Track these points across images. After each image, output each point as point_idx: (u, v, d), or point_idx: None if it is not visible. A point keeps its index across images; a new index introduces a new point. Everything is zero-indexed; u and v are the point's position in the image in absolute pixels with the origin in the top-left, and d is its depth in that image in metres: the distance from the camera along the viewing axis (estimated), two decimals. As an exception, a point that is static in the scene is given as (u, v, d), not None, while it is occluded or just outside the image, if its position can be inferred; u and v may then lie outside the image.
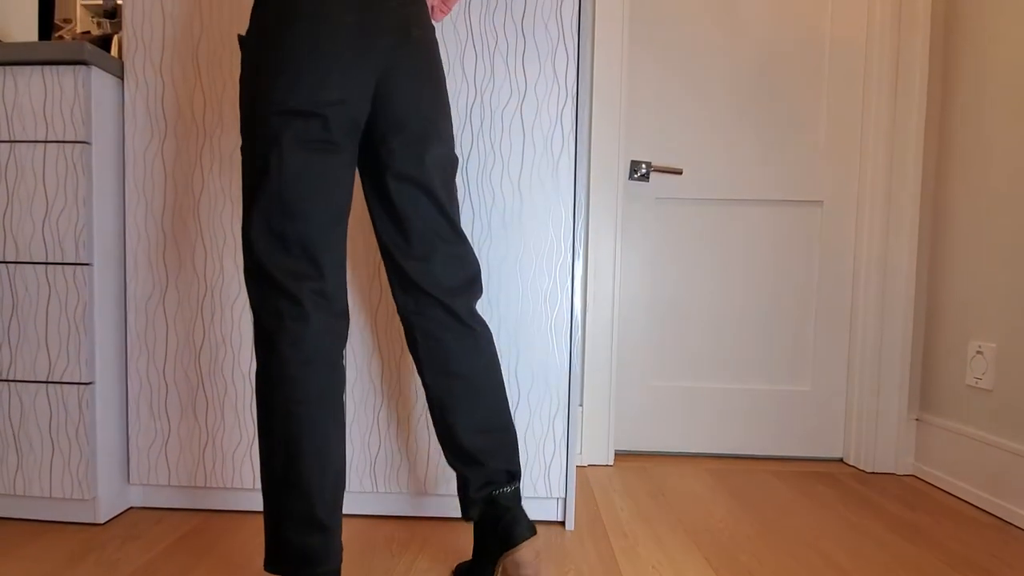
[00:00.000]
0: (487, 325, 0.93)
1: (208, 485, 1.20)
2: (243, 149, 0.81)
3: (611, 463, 1.63)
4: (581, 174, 1.16)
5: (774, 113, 1.68)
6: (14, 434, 1.12)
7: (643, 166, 1.64)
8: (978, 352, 1.42)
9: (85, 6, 2.81)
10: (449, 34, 1.15)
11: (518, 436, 1.18)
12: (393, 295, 0.91)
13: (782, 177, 1.68)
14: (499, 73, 1.15)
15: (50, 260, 1.09)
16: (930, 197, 1.61)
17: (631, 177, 1.66)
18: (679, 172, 1.65)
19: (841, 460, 1.72)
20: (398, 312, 0.91)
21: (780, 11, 1.66)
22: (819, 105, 1.68)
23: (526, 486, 1.19)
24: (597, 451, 1.63)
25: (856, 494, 1.45)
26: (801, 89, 1.68)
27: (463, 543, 1.11)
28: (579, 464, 1.63)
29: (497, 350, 1.03)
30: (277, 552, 0.78)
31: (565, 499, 1.20)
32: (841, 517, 1.29)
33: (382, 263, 1.18)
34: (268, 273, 0.79)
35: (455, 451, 0.90)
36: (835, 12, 1.65)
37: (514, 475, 0.91)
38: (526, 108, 1.16)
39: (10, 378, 1.11)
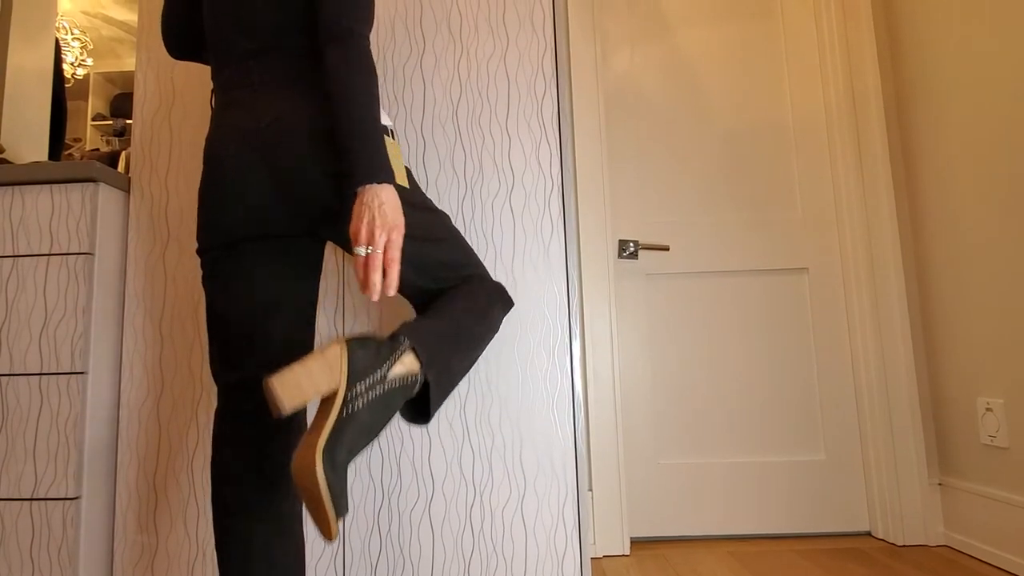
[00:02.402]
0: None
1: (196, 606, 1.12)
2: None
3: (627, 552, 1.54)
4: (572, 256, 1.19)
5: (750, 189, 1.77)
6: (-9, 560, 1.05)
7: (631, 244, 1.69)
8: (987, 409, 1.40)
9: (95, 126, 3.00)
10: (439, 136, 1.23)
11: (527, 530, 1.12)
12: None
13: (765, 247, 1.74)
14: (487, 169, 1.22)
15: (45, 371, 1.09)
16: (911, 255, 1.66)
17: (620, 255, 1.70)
18: (666, 248, 1.70)
19: (869, 533, 1.63)
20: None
21: (742, 98, 1.80)
22: (791, 179, 1.77)
23: (538, 585, 1.11)
24: (611, 540, 1.54)
25: (892, 572, 1.36)
26: (773, 166, 1.77)
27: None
28: (594, 556, 1.54)
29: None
30: None
31: (581, 597, 1.12)
32: (878, 599, 1.21)
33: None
34: (216, 383, 0.90)
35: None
36: (793, 96, 1.79)
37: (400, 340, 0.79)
38: (515, 198, 1.21)
39: (-7, 498, 1.06)
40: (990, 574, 1.33)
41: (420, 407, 0.85)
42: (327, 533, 0.67)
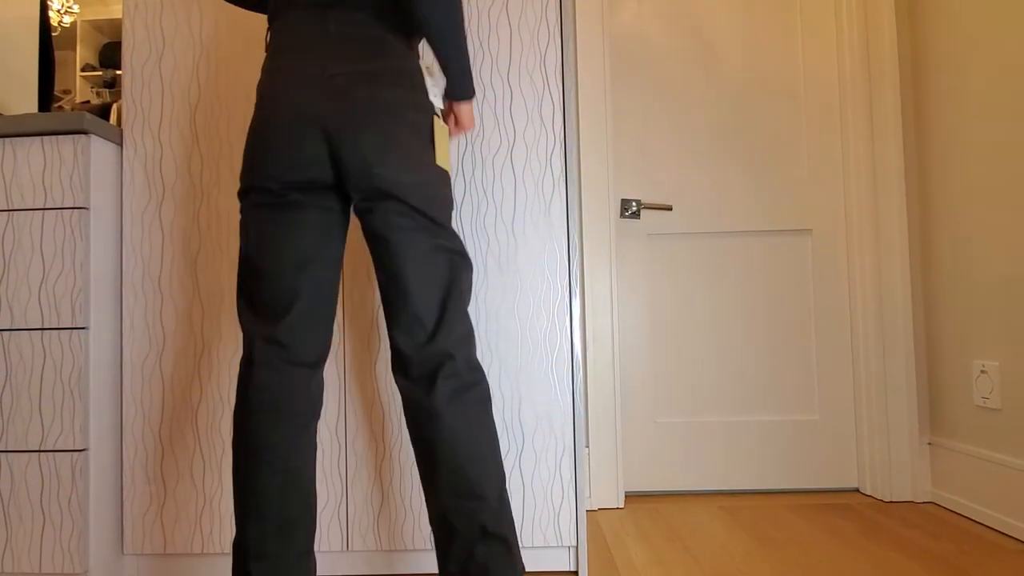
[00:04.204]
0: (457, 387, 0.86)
1: (205, 551, 1.16)
2: None
3: (621, 506, 1.59)
4: (573, 214, 1.18)
5: (757, 148, 1.73)
6: (3, 507, 1.08)
7: (633, 204, 1.67)
8: (982, 371, 1.41)
9: (84, 77, 2.91)
10: (438, 88, 1.19)
11: (524, 483, 1.15)
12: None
13: (769, 208, 1.71)
14: (488, 123, 1.19)
15: (46, 326, 1.09)
16: (917, 219, 1.64)
17: (622, 215, 1.68)
18: (669, 208, 1.68)
19: (857, 490, 1.68)
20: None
21: (753, 55, 1.73)
22: (799, 139, 1.73)
23: (535, 535, 1.15)
24: (606, 494, 1.59)
25: (877, 526, 1.41)
26: (781, 125, 1.73)
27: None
28: (589, 508, 1.59)
29: (492, 402, 0.96)
30: None
31: (577, 547, 1.16)
32: (864, 551, 1.25)
33: (380, 312, 1.18)
34: (242, 328, 0.90)
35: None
36: (805, 52, 1.73)
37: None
38: (516, 154, 1.19)
39: (1, 448, 1.08)
40: (971, 529, 1.38)
41: None
42: None
